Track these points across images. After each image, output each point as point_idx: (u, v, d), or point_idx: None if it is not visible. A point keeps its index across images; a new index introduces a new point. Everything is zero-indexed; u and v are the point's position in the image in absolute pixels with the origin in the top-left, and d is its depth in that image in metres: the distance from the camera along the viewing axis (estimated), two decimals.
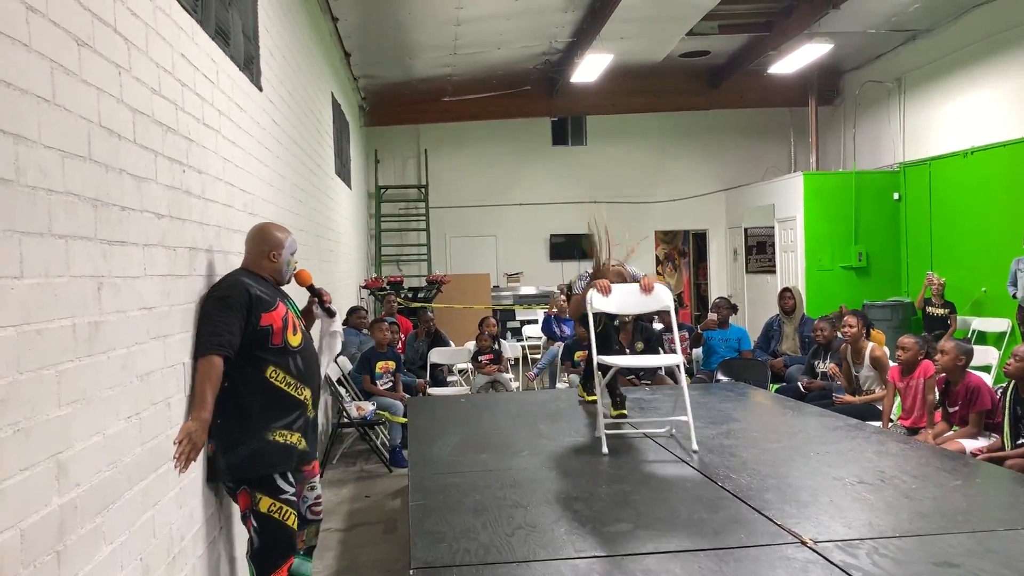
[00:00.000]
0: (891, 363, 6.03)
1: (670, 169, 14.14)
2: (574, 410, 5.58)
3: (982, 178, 9.78)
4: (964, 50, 10.07)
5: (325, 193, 8.13)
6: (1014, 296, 8.44)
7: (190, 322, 3.17)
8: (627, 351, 7.28)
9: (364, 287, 11.61)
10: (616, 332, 5.59)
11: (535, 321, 11.63)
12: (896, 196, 11.42)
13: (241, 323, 3.21)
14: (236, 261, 3.90)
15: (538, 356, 9.85)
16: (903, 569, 2.60)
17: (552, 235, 14.19)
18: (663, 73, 12.59)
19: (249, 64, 4.51)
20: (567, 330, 9.46)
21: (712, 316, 8.32)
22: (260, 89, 4.80)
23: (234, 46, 4.13)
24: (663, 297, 4.61)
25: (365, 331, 8.16)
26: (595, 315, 4.56)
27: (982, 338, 9.41)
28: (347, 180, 10.36)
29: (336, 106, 9.36)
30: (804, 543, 2.83)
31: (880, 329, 7.90)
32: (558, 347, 8.75)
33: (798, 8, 9.92)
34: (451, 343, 8.93)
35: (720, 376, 7.55)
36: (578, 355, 8.09)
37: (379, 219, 13.82)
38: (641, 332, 7.50)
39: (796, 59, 10.85)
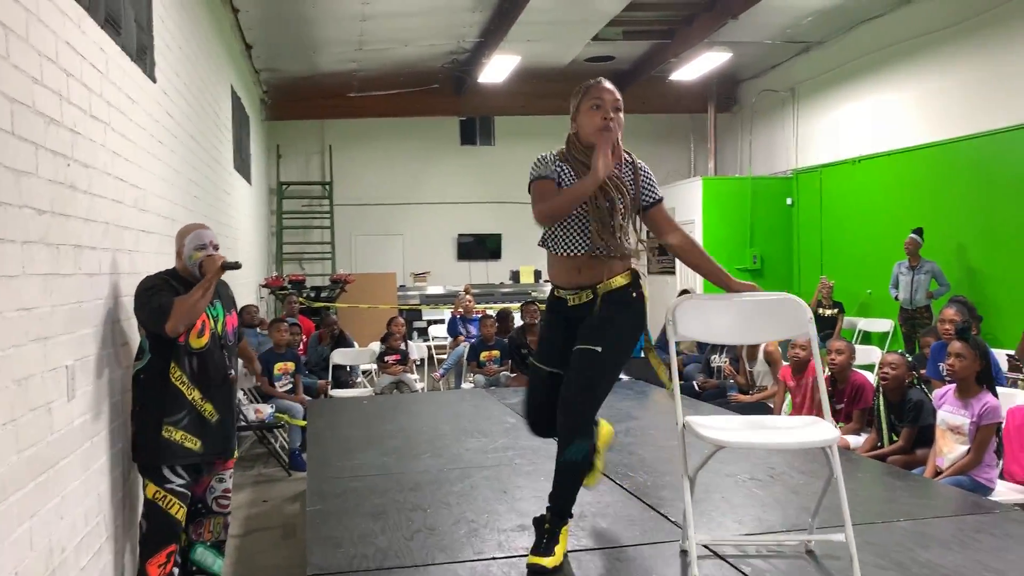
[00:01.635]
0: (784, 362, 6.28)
1: None
2: (477, 411, 5.59)
3: (868, 185, 10.28)
4: (853, 63, 10.56)
5: (223, 188, 7.90)
6: (896, 298, 8.90)
7: (76, 323, 3.03)
8: (523, 351, 7.32)
9: (264, 286, 11.33)
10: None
11: (441, 321, 11.60)
12: (789, 201, 11.88)
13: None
14: (125, 259, 3.75)
15: (444, 356, 9.83)
16: (790, 564, 2.71)
17: (460, 235, 14.18)
18: (570, 76, 12.65)
19: (142, 54, 4.34)
20: (473, 330, 9.48)
21: None
22: (154, 81, 4.62)
23: (126, 35, 3.96)
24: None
25: (261, 331, 7.97)
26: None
27: (867, 338, 9.89)
28: (247, 175, 10.09)
29: (236, 99, 9.10)
30: (714, 553, 2.91)
31: None
32: (464, 347, 8.76)
33: (699, 18, 10.21)
34: (355, 344, 8.82)
35: (621, 375, 7.69)
36: (484, 355, 8.12)
37: (281, 216, 13.52)
38: None
39: (697, 67, 11.17)
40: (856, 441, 5.05)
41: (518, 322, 8.45)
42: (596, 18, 9.94)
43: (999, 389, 4.51)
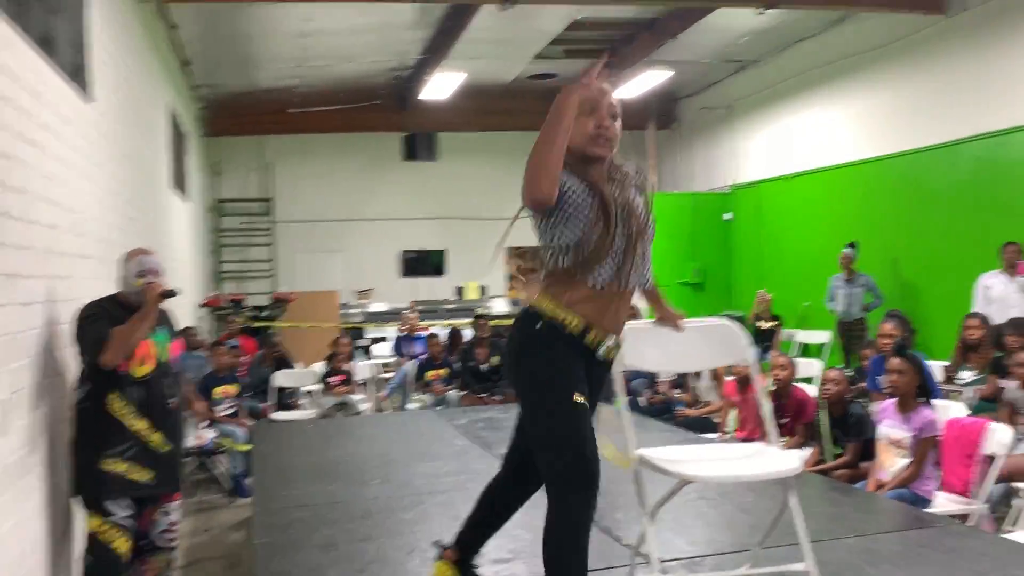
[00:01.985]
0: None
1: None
2: (426, 433, 5.54)
3: (804, 200, 10.54)
4: (787, 81, 10.83)
5: (160, 207, 7.71)
6: (833, 311, 9.12)
7: (11, 355, 2.91)
8: (481, 367, 7.31)
9: (204, 306, 11.07)
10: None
11: (385, 339, 11.49)
12: (728, 216, 12.11)
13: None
14: (62, 286, 3.62)
15: (390, 375, 9.74)
16: None
17: (404, 251, 14.08)
18: (514, 94, 12.80)
19: (77, 74, 4.21)
20: (418, 348, 9.41)
21: None
22: (90, 100, 4.48)
23: (61, 55, 3.84)
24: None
25: (200, 352, 7.78)
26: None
27: (806, 350, 10.11)
28: (185, 193, 9.87)
29: (173, 116, 8.90)
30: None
31: None
32: (410, 365, 8.69)
33: (639, 37, 10.36)
34: (294, 364, 8.66)
35: None
36: (431, 374, 8.05)
37: (220, 234, 13.24)
38: (498, 348, 7.56)
39: (637, 85, 11.32)
40: (800, 456, 5.14)
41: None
42: (538, 37, 10.01)
43: (935, 402, 4.64)
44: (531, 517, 2.70)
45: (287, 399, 8.21)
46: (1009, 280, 7.09)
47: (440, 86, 11.08)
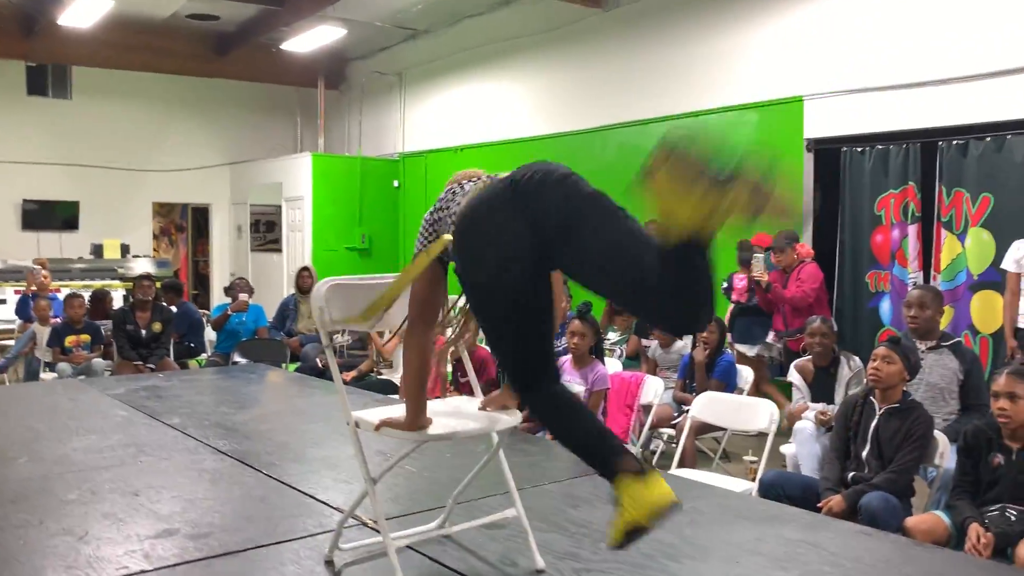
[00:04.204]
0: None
1: (172, 137, 13.12)
2: (77, 404, 4.84)
3: None
4: (458, 54, 11.15)
5: None
6: None
7: None
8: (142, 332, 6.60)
9: None
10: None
11: (3, 301, 9.88)
12: (396, 183, 12.22)
13: None
14: None
15: (9, 342, 8.39)
16: (462, 534, 2.74)
17: (25, 200, 12.15)
18: (168, 32, 11.62)
19: None
20: (51, 311, 8.21)
21: (243, 297, 7.92)
22: None
23: None
24: None
25: None
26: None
27: None
28: None
29: None
30: (365, 524, 2.83)
31: None
32: (32, 331, 7.57)
33: None
34: None
35: (237, 358, 7.26)
36: (70, 339, 7.06)
37: None
38: (160, 312, 6.86)
39: (308, 40, 10.91)
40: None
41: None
42: None
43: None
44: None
45: None
46: None
47: (81, 11, 9.68)
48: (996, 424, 3.26)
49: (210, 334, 8.17)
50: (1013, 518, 3.15)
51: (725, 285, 6.67)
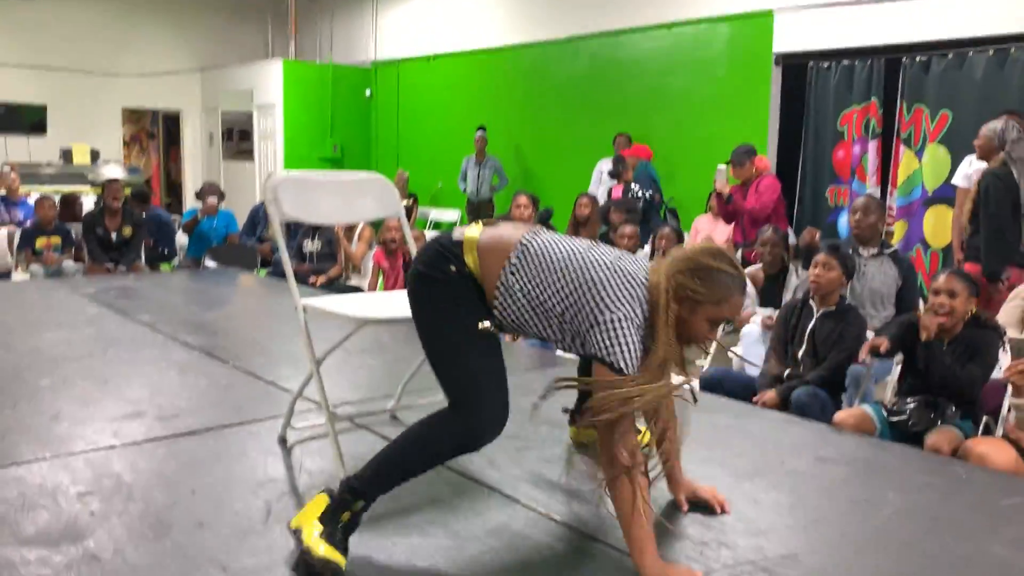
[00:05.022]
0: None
1: (140, 40, 12.84)
2: (48, 301, 4.95)
3: (443, 83, 10.89)
4: None
5: None
6: (464, 191, 9.70)
7: None
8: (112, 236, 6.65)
9: None
10: None
11: None
12: (368, 92, 12.10)
13: None
14: None
15: None
16: (409, 414, 2.92)
17: None
18: None
19: None
20: (21, 215, 8.22)
21: (211, 200, 7.93)
22: None
23: None
24: None
25: None
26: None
27: (438, 226, 10.68)
28: None
29: None
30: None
31: None
32: (6, 232, 7.60)
33: None
34: None
35: (209, 262, 7.35)
36: (41, 241, 7.11)
37: None
38: (130, 217, 6.89)
39: None
40: None
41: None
42: None
43: None
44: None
45: None
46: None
47: None
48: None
49: (182, 239, 8.23)
50: (935, 407, 3.34)
51: None
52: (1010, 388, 3.28)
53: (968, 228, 4.81)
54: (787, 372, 3.82)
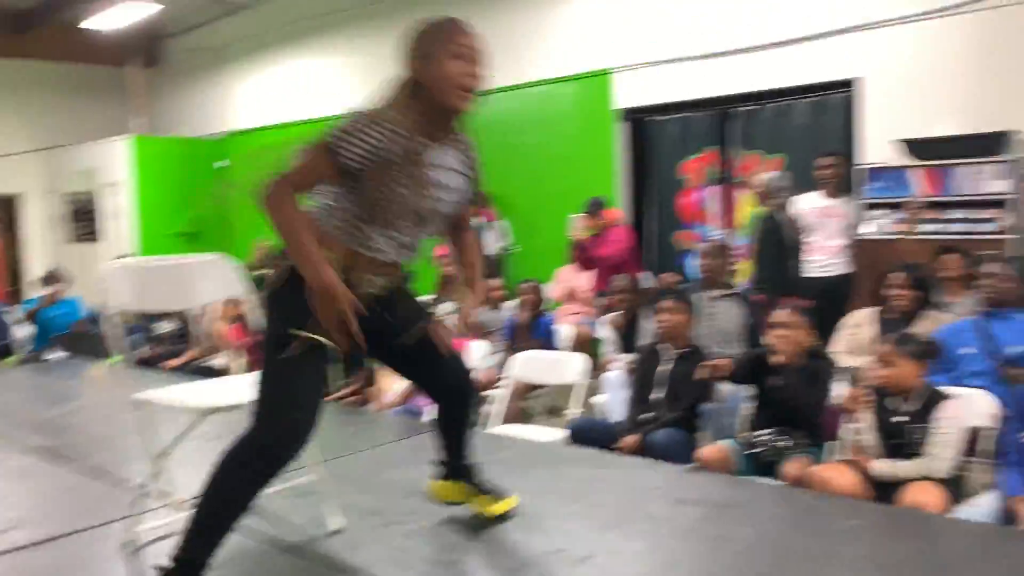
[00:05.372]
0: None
1: None
2: None
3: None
4: (279, 29, 10.90)
5: None
6: None
7: None
8: None
9: None
10: None
11: None
12: (225, 163, 11.85)
13: None
14: None
15: None
16: (269, 501, 2.84)
17: None
18: None
19: None
20: None
21: (47, 290, 7.51)
22: None
23: None
24: None
25: None
26: None
27: None
28: None
29: None
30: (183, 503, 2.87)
31: None
32: None
33: None
34: None
35: (53, 354, 6.94)
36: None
37: None
38: None
39: (117, 16, 10.37)
40: None
41: None
42: None
43: None
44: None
45: None
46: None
47: None
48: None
49: (27, 331, 7.74)
50: (782, 438, 3.53)
51: None
52: (847, 414, 3.50)
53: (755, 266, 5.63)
54: (646, 416, 3.95)
